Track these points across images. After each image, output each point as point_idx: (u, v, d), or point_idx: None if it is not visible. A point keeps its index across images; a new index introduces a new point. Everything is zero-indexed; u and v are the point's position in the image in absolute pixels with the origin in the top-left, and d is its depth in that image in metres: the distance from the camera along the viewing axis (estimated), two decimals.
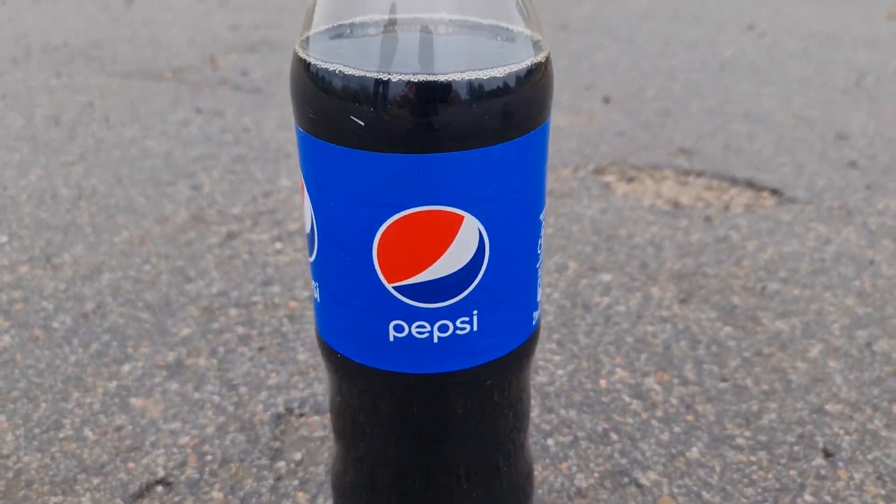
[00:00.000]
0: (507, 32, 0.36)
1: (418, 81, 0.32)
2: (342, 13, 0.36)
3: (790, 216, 0.95)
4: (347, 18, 0.36)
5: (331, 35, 0.36)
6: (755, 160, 1.11)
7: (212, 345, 0.71)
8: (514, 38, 0.36)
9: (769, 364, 0.69)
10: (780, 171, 1.08)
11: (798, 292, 0.79)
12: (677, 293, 0.79)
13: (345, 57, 0.34)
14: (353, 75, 0.33)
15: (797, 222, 0.94)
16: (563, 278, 0.82)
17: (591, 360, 0.69)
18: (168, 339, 0.72)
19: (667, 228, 0.92)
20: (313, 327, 0.73)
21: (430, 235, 0.34)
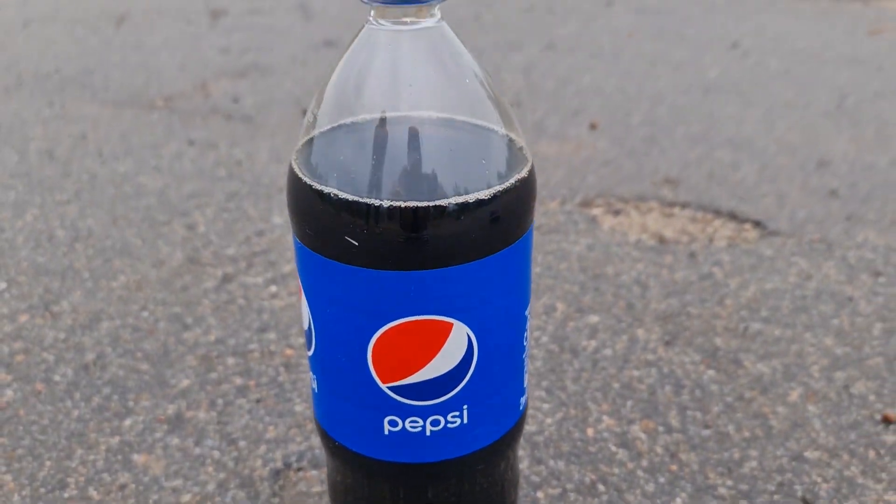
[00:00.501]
0: (490, 143, 0.38)
1: (408, 207, 0.35)
2: (336, 117, 0.38)
3: (772, 250, 0.98)
4: (340, 123, 0.38)
5: (325, 147, 0.38)
6: (738, 190, 1.14)
7: (211, 396, 0.73)
8: (499, 151, 0.38)
9: (751, 409, 0.71)
10: (762, 202, 1.10)
11: (779, 332, 0.82)
12: (662, 335, 0.81)
13: (339, 181, 0.36)
14: (348, 200, 0.35)
15: (779, 257, 0.96)
16: (551, 321, 0.84)
17: (579, 407, 0.71)
18: (167, 390, 0.73)
19: (652, 266, 0.94)
20: (308, 376, 0.75)
21: (421, 342, 0.37)
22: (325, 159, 0.37)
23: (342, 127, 0.37)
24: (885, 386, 0.74)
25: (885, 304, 0.87)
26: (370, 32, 0.37)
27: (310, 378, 0.42)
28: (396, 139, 0.36)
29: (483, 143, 0.37)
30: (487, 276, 0.36)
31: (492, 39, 1.93)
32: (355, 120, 0.36)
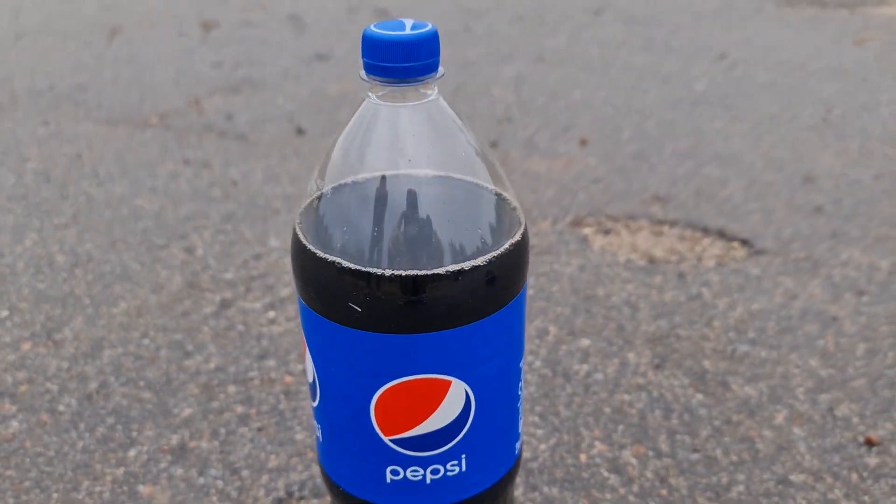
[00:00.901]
0: (485, 209, 0.40)
1: (409, 276, 0.37)
2: (338, 187, 0.40)
3: (759, 269, 1.00)
4: (343, 192, 0.40)
5: (328, 216, 0.40)
6: (726, 207, 1.16)
7: (213, 426, 0.74)
8: (493, 216, 0.40)
9: (738, 433, 0.73)
10: (749, 220, 1.13)
11: (765, 354, 0.84)
12: (652, 358, 0.84)
13: (342, 249, 0.38)
14: (351, 269, 0.37)
15: (765, 276, 0.99)
16: (544, 344, 0.86)
17: (572, 432, 0.73)
18: (170, 420, 0.75)
19: (642, 287, 0.97)
20: (308, 403, 0.77)
21: (421, 398, 0.39)
22: (329, 227, 0.39)
23: (344, 196, 0.39)
24: (867, 407, 0.77)
25: (868, 324, 0.89)
26: (370, 106, 0.39)
27: (314, 425, 0.44)
28: (396, 209, 0.38)
29: (478, 211, 0.40)
30: (484, 336, 0.38)
31: (483, 51, 1.95)
32: (357, 189, 0.38)
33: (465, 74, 1.78)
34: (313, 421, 0.43)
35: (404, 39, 0.36)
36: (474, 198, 0.39)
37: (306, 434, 0.73)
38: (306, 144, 1.41)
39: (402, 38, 0.36)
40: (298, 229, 0.39)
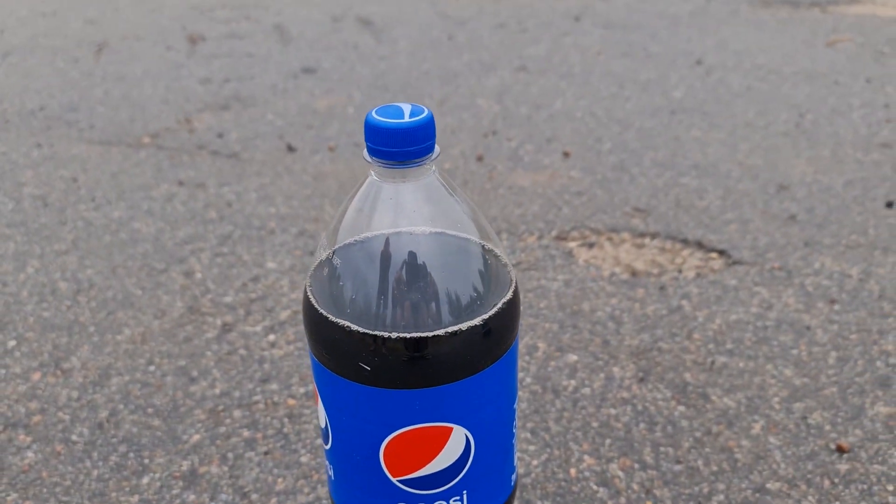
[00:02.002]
0: (479, 273, 0.44)
1: (413, 338, 0.41)
2: (345, 255, 0.44)
3: (736, 280, 1.05)
4: (349, 260, 0.44)
5: (336, 282, 0.44)
6: (704, 217, 1.21)
7: (221, 451, 0.78)
8: (487, 279, 0.44)
9: (718, 443, 0.78)
10: (727, 230, 1.17)
11: (743, 364, 0.89)
12: (636, 372, 0.88)
13: (351, 314, 0.42)
14: (360, 331, 0.41)
15: (742, 287, 1.04)
16: (533, 361, 0.90)
17: (562, 447, 0.78)
18: (180, 446, 0.79)
19: (625, 300, 1.01)
20: (312, 426, 0.81)
21: (425, 443, 0.43)
22: (338, 292, 0.43)
23: (351, 262, 0.43)
24: (838, 415, 0.81)
25: (840, 332, 0.94)
26: (373, 183, 0.43)
27: (326, 465, 0.48)
28: (399, 275, 0.42)
29: (473, 273, 0.44)
30: (481, 386, 0.42)
31: (465, 61, 1.99)
32: (363, 256, 0.43)
33: (450, 87, 1.82)
34: (325, 461, 0.48)
35: (403, 127, 0.40)
36: (469, 260, 0.44)
37: (311, 456, 0.77)
38: (297, 162, 1.44)
39: (401, 125, 0.40)
40: (310, 293, 0.43)
